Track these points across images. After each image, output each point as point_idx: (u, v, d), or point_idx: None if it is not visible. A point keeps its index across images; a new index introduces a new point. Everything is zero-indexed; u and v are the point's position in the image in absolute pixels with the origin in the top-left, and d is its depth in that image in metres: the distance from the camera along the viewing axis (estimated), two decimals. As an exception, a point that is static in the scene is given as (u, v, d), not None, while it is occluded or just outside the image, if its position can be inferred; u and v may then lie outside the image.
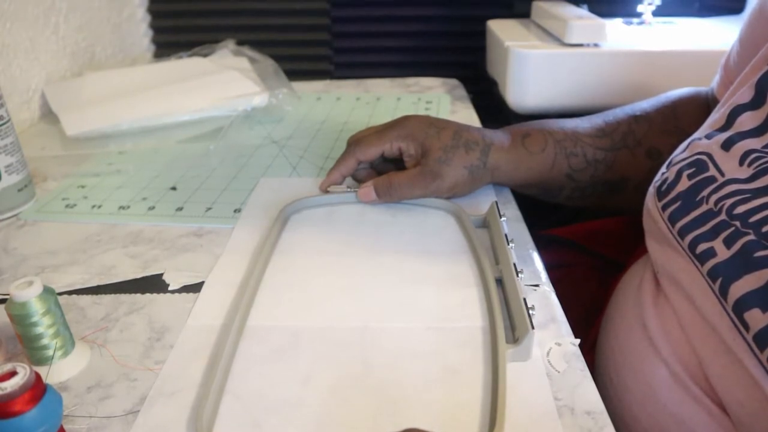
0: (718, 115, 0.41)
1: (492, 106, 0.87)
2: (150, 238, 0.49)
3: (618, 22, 0.87)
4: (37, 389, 0.26)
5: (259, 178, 0.59)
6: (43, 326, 0.34)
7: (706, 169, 0.38)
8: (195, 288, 0.43)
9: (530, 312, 0.36)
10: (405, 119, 0.52)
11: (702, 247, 0.35)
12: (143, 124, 0.70)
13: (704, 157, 0.39)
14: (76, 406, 0.33)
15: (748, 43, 0.47)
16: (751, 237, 0.33)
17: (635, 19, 0.88)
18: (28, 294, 0.33)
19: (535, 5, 0.87)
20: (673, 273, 0.38)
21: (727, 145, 0.38)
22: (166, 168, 0.62)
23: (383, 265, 0.45)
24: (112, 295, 0.42)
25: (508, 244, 0.43)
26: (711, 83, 0.54)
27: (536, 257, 0.46)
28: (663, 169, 0.42)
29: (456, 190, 0.51)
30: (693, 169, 0.39)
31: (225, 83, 0.76)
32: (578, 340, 0.37)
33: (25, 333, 0.34)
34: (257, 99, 0.73)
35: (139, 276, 0.44)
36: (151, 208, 0.54)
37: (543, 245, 0.49)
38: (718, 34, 0.81)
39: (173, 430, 0.31)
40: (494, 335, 0.36)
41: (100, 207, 0.55)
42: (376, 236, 0.48)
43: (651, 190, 0.42)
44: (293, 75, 0.83)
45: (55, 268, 0.46)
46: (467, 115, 0.76)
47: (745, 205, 0.34)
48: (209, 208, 0.54)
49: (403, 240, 0.48)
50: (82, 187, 0.59)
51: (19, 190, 0.54)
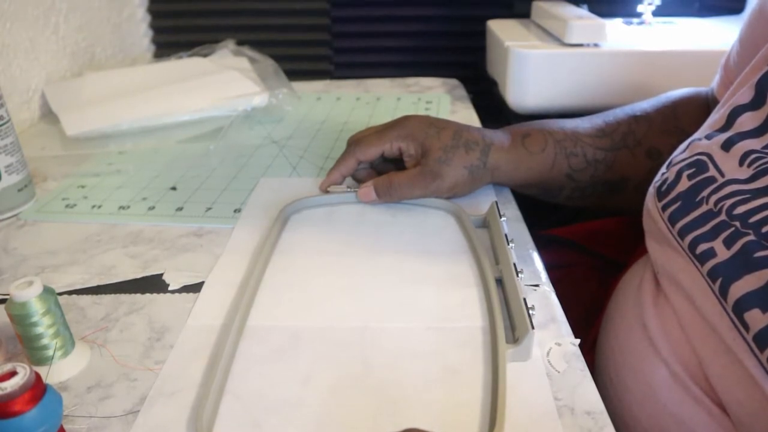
0: (718, 116, 0.41)
1: (492, 106, 0.87)
2: (150, 238, 0.49)
3: (618, 22, 0.87)
4: (37, 389, 0.26)
5: (259, 178, 0.59)
6: (43, 326, 0.34)
7: (706, 170, 0.38)
8: (195, 288, 0.43)
9: (530, 312, 0.36)
10: (405, 119, 0.52)
11: (702, 247, 0.35)
12: (143, 124, 0.70)
13: (704, 158, 0.39)
14: (76, 406, 0.33)
15: (748, 44, 0.47)
16: (751, 237, 0.33)
17: (635, 19, 0.88)
18: (28, 294, 0.33)
19: (535, 5, 0.87)
20: (673, 273, 0.38)
21: (727, 146, 0.38)
22: (166, 168, 0.62)
23: (383, 265, 0.45)
24: (112, 295, 0.42)
25: (508, 244, 0.43)
26: (711, 83, 0.54)
27: (536, 257, 0.46)
28: (663, 169, 0.42)
29: (456, 190, 0.51)
30: (693, 170, 0.39)
31: (225, 83, 0.76)
32: (578, 340, 0.37)
33: (25, 333, 0.34)
34: (257, 99, 0.73)
35: (139, 276, 0.44)
36: (151, 208, 0.54)
37: (543, 245, 0.49)
38: (718, 34, 0.81)
39: (173, 430, 0.31)
40: (494, 335, 0.36)
41: (100, 207, 0.55)
42: (376, 236, 0.48)
43: (651, 190, 0.42)
44: (293, 75, 0.83)
45: (55, 268, 0.46)
46: (467, 115, 0.76)
47: (745, 206, 0.34)
48: (209, 208, 0.54)
49: (403, 240, 0.48)
50: (82, 187, 0.59)
51: (19, 190, 0.54)
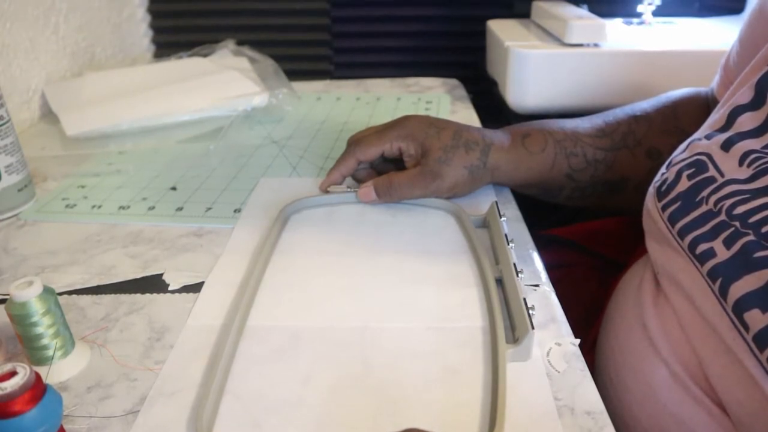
0: (717, 116, 0.41)
1: (492, 106, 0.87)
2: (150, 238, 0.49)
3: (618, 22, 0.87)
4: (37, 389, 0.26)
5: (259, 178, 0.59)
6: (43, 326, 0.34)
7: (706, 170, 0.38)
8: (195, 288, 0.43)
9: (530, 312, 0.36)
10: (405, 119, 0.52)
11: (702, 247, 0.35)
12: (143, 124, 0.70)
13: (704, 158, 0.39)
14: (76, 406, 0.33)
15: (748, 44, 0.47)
16: (751, 237, 0.33)
17: (635, 19, 0.88)
18: (28, 294, 0.33)
19: (535, 5, 0.87)
20: (673, 273, 0.38)
21: (726, 146, 0.38)
22: (166, 168, 0.62)
23: (383, 265, 0.45)
24: (112, 295, 0.42)
25: (508, 244, 0.43)
26: (711, 83, 0.54)
27: (536, 257, 0.46)
28: (663, 169, 0.42)
29: (456, 190, 0.51)
30: (693, 170, 0.39)
31: (225, 83, 0.76)
32: (578, 340, 0.37)
33: (25, 333, 0.34)
34: (257, 99, 0.73)
35: (139, 276, 0.44)
36: (151, 208, 0.54)
37: (543, 245, 0.49)
38: (718, 34, 0.81)
39: (173, 430, 0.31)
40: (494, 335, 0.36)
41: (100, 207, 0.55)
42: (376, 236, 0.48)
43: (651, 190, 0.42)
44: (293, 75, 0.83)
45: (55, 268, 0.46)
46: (467, 115, 0.76)
47: (744, 206, 0.34)
48: (209, 208, 0.54)
49: (403, 240, 0.48)
50: (82, 187, 0.59)
51: (19, 190, 0.54)
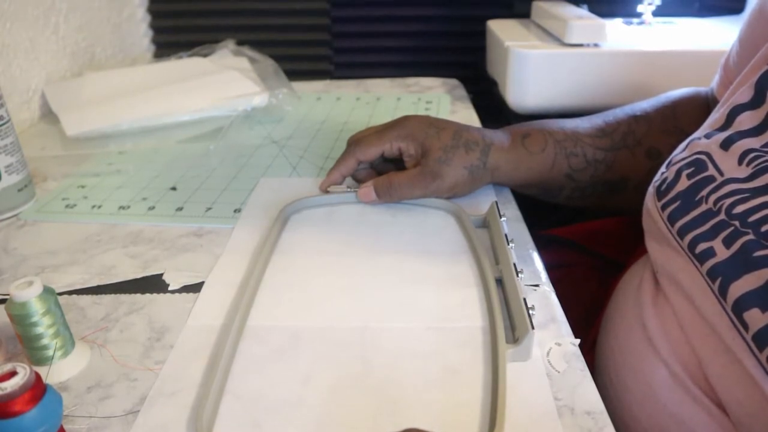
0: (717, 115, 0.41)
1: (492, 106, 0.87)
2: (150, 238, 0.49)
3: (618, 22, 0.87)
4: (37, 389, 0.26)
5: (259, 178, 0.59)
6: (43, 326, 0.34)
7: (705, 169, 0.38)
8: (195, 288, 0.43)
9: (530, 312, 0.36)
10: (405, 119, 0.52)
11: (701, 246, 0.35)
12: (143, 124, 0.70)
13: (703, 157, 0.39)
14: (76, 406, 0.33)
15: (747, 43, 0.47)
16: (751, 236, 0.33)
17: (635, 19, 0.88)
18: (28, 294, 0.33)
19: (535, 5, 0.87)
20: (673, 273, 0.38)
21: (726, 145, 0.38)
22: (166, 168, 0.62)
23: (383, 265, 0.45)
24: (112, 295, 0.42)
25: (508, 244, 0.43)
26: (711, 83, 0.54)
27: (536, 257, 0.46)
28: (662, 168, 0.42)
29: (456, 190, 0.51)
30: (692, 169, 0.39)
31: (225, 83, 0.76)
32: (578, 340, 0.37)
33: (25, 333, 0.34)
34: (257, 99, 0.73)
35: (139, 276, 0.44)
36: (151, 208, 0.54)
37: (543, 245, 0.49)
38: (718, 34, 0.81)
39: (173, 430, 0.31)
40: (494, 335, 0.36)
41: (100, 207, 0.55)
42: (376, 236, 0.48)
43: (650, 189, 0.42)
44: (293, 75, 0.83)
45: (55, 268, 0.46)
46: (467, 115, 0.76)
47: (744, 205, 0.34)
48: (209, 208, 0.54)
49: (403, 240, 0.48)
50: (82, 187, 0.59)
51: (19, 190, 0.54)
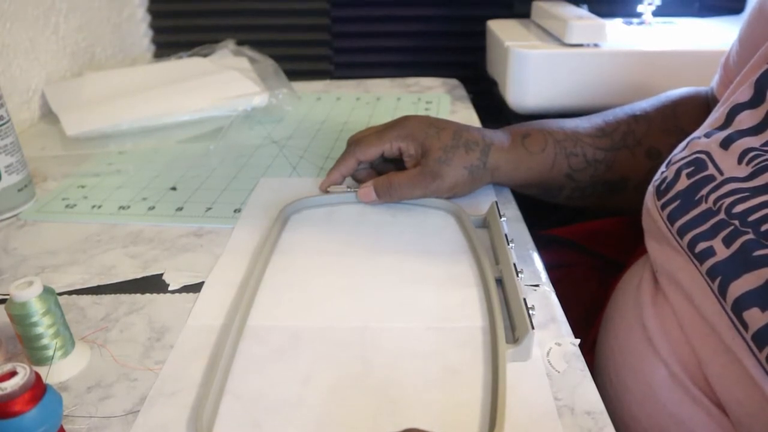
0: (717, 114, 0.41)
1: (492, 106, 0.87)
2: (150, 238, 0.49)
3: (618, 22, 0.87)
4: (37, 389, 0.26)
5: (259, 178, 0.59)
6: (43, 326, 0.34)
7: (705, 168, 0.38)
8: (195, 288, 0.43)
9: (530, 312, 0.36)
10: (405, 119, 0.52)
11: (701, 246, 0.35)
12: (143, 124, 0.70)
13: (703, 156, 0.39)
14: (76, 406, 0.33)
15: (747, 43, 0.47)
16: (750, 236, 0.33)
17: (635, 19, 0.88)
18: (28, 294, 0.33)
19: (535, 5, 0.87)
20: (673, 272, 0.38)
21: (726, 144, 0.38)
22: (166, 168, 0.62)
23: (383, 265, 0.45)
24: (112, 295, 0.42)
25: (508, 244, 0.43)
26: (711, 83, 0.54)
27: (536, 257, 0.46)
28: (662, 168, 0.42)
29: (456, 190, 0.51)
30: (692, 168, 0.39)
31: (225, 83, 0.76)
32: (578, 340, 0.37)
33: (25, 333, 0.34)
34: (257, 99, 0.73)
35: (139, 276, 0.44)
36: (151, 208, 0.54)
37: (543, 245, 0.49)
38: (718, 34, 0.81)
39: (173, 430, 0.31)
40: (494, 335, 0.36)
41: (100, 207, 0.55)
42: (376, 236, 0.48)
43: (650, 189, 0.42)
44: (293, 75, 0.83)
45: (55, 268, 0.46)
46: (467, 115, 0.76)
47: (743, 204, 0.34)
48: (209, 208, 0.54)
49: (403, 240, 0.48)
50: (82, 187, 0.59)
51: (19, 190, 0.54)
